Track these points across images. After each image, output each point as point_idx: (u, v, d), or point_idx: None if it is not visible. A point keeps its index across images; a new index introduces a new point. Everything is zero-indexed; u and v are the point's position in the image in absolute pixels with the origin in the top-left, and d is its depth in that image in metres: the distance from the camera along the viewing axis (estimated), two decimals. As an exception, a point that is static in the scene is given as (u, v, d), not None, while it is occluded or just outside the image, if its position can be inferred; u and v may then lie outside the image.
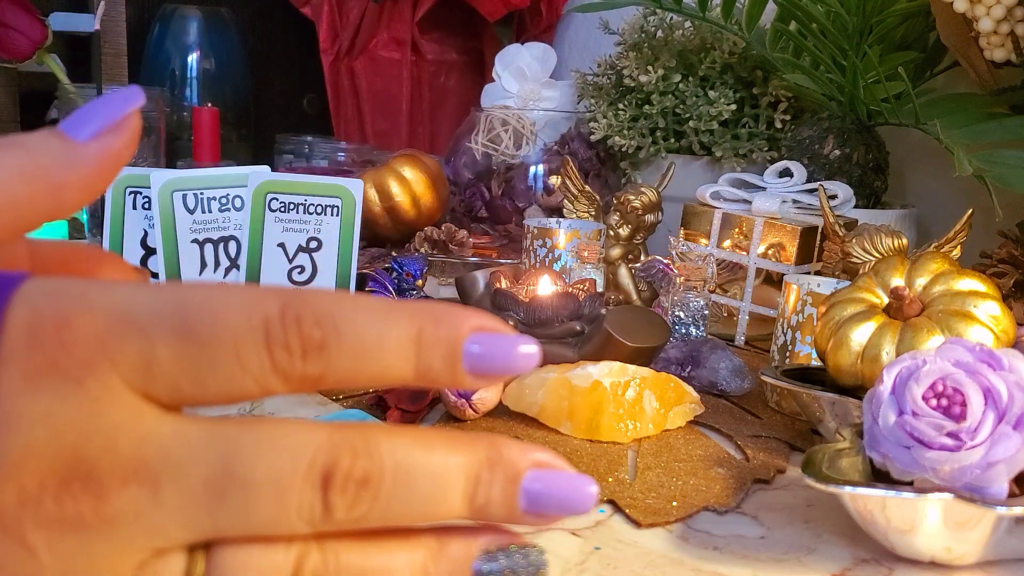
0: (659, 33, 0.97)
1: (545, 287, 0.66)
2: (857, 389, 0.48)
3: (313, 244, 0.66)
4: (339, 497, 0.19)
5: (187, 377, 0.19)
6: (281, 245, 0.65)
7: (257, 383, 0.19)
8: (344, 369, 0.19)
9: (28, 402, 0.18)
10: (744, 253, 0.75)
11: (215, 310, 0.19)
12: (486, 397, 0.52)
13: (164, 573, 0.19)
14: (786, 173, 0.79)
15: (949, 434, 0.36)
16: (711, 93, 0.91)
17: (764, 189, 0.78)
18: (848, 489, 0.37)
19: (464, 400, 0.51)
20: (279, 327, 0.19)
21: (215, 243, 0.65)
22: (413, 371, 0.20)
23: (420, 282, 0.72)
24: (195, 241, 0.64)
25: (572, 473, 0.21)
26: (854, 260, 0.64)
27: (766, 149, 0.92)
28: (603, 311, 0.61)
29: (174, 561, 0.19)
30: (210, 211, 0.65)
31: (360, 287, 0.69)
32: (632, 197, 0.78)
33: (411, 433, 0.20)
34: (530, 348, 0.20)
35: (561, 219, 0.83)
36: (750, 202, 0.76)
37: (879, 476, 0.39)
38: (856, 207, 0.79)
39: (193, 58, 1.26)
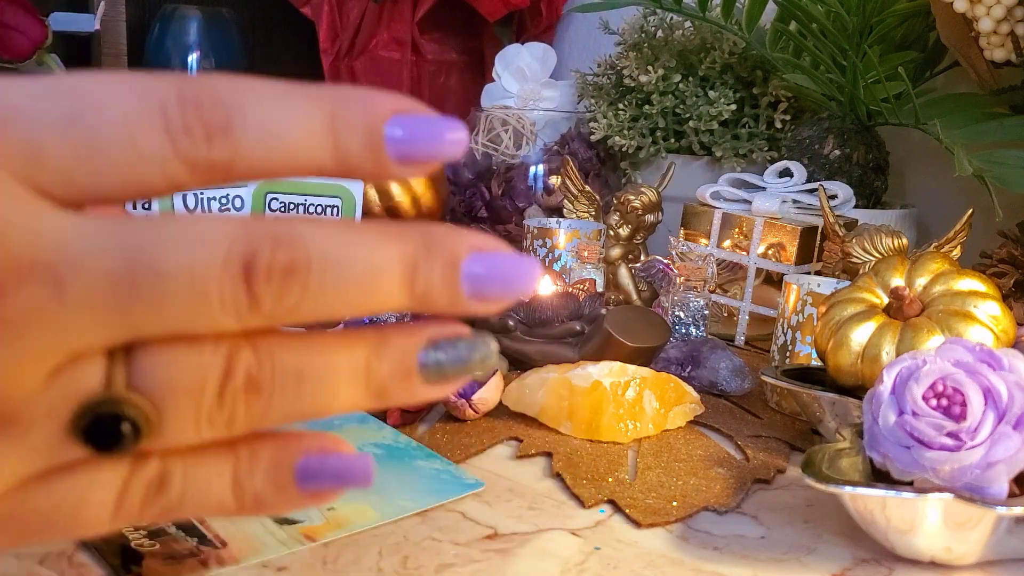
0: (659, 33, 0.97)
1: (545, 287, 0.66)
2: (857, 389, 0.48)
3: (313, 244, 0.65)
4: (264, 287, 0.17)
5: (80, 167, 0.17)
6: (281, 245, 0.65)
7: (160, 172, 0.18)
8: (253, 154, 0.18)
9: None
10: (744, 253, 0.75)
11: (106, 95, 0.17)
12: (486, 397, 0.52)
13: (81, 378, 0.18)
14: (786, 173, 0.79)
15: (949, 434, 0.36)
16: (711, 93, 0.91)
17: (764, 189, 0.78)
18: (848, 489, 0.37)
19: (464, 400, 0.51)
20: (177, 109, 0.17)
21: (215, 243, 0.65)
22: (331, 157, 0.18)
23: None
24: (195, 241, 0.64)
25: (511, 253, 0.20)
26: (854, 260, 0.64)
27: (766, 149, 0.92)
28: (603, 311, 0.61)
29: (91, 365, 0.18)
30: (210, 211, 0.65)
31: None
32: (632, 197, 0.78)
33: (337, 223, 0.19)
34: (458, 133, 0.19)
35: (561, 219, 0.83)
36: (750, 202, 0.76)
37: (879, 476, 0.39)
38: (856, 207, 0.79)
39: (193, 58, 1.26)
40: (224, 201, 0.65)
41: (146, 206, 0.66)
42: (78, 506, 0.19)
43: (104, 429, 0.18)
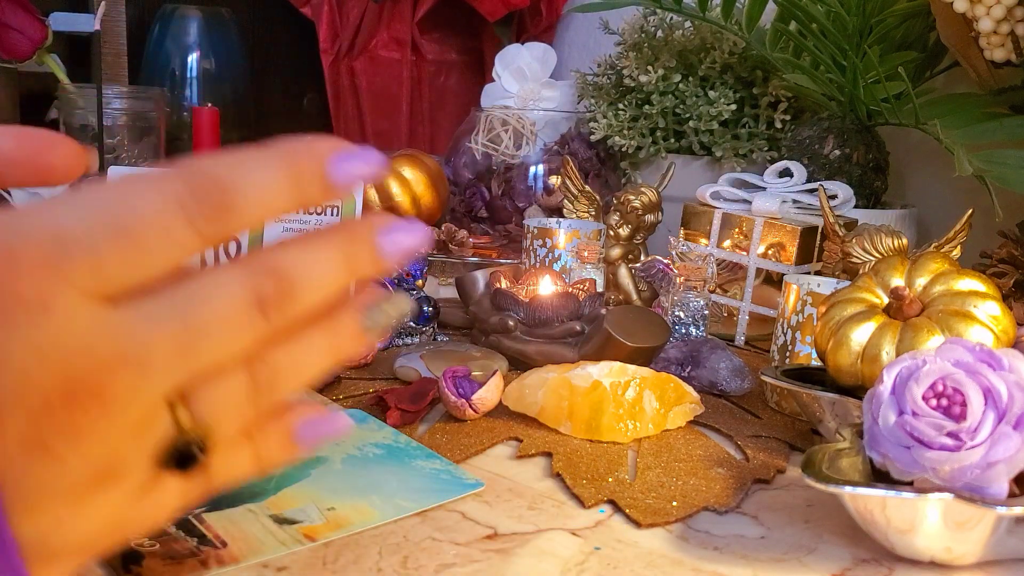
0: (659, 33, 0.97)
1: (545, 287, 0.66)
2: (857, 389, 0.48)
3: (313, 244, 0.65)
4: (274, 310, 0.24)
5: (133, 266, 0.21)
6: (281, 245, 0.65)
7: (187, 249, 0.22)
8: (250, 217, 0.23)
9: (7, 337, 0.20)
10: (744, 253, 0.75)
11: (136, 205, 0.21)
12: (486, 397, 0.52)
13: (158, 428, 0.22)
14: (786, 173, 0.79)
15: (949, 434, 0.36)
16: (711, 93, 0.91)
17: (764, 189, 0.78)
18: (848, 489, 0.37)
19: (464, 400, 0.51)
20: (192, 202, 0.22)
21: (215, 243, 0.65)
22: (297, 200, 0.24)
23: (420, 282, 0.72)
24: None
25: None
26: (854, 260, 0.64)
27: (766, 149, 0.92)
28: (603, 311, 0.61)
29: (163, 415, 0.22)
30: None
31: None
32: (632, 197, 0.78)
33: (295, 243, 0.25)
34: (371, 157, 0.25)
35: (561, 219, 0.83)
36: (750, 202, 0.76)
37: (879, 476, 0.39)
38: (856, 207, 0.79)
39: (193, 58, 1.26)
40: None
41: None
42: (156, 512, 0.24)
43: (185, 458, 0.23)
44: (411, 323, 0.68)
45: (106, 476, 0.22)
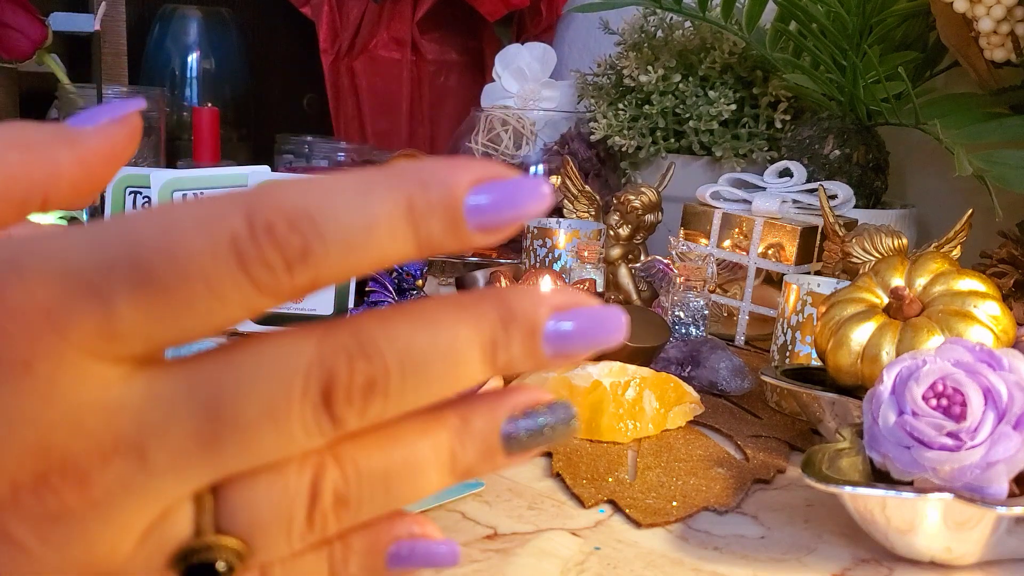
0: (659, 33, 0.97)
1: (545, 287, 0.66)
2: (857, 389, 0.48)
3: (313, 244, 0.65)
4: (346, 409, 0.17)
5: (160, 325, 0.16)
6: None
7: (242, 307, 0.17)
8: (337, 268, 0.17)
9: None
10: (744, 253, 0.75)
11: (172, 242, 0.16)
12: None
13: (172, 529, 0.18)
14: (786, 173, 0.79)
15: (949, 434, 0.36)
16: (711, 93, 0.91)
17: (764, 189, 0.78)
18: (848, 489, 0.37)
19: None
20: (250, 244, 0.16)
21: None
22: (414, 247, 0.17)
23: (420, 282, 0.72)
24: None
25: (593, 307, 0.19)
26: (854, 260, 0.64)
27: (766, 149, 0.92)
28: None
29: (180, 514, 0.18)
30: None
31: (360, 288, 0.69)
32: (632, 197, 0.78)
33: (408, 314, 0.18)
34: (539, 190, 0.18)
35: (561, 219, 0.83)
36: (750, 202, 0.75)
37: (879, 476, 0.39)
38: (856, 207, 0.79)
39: (193, 58, 1.26)
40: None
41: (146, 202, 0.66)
42: None
43: (200, 572, 0.18)
44: None
45: None
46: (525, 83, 1.10)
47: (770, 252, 0.75)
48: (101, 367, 0.17)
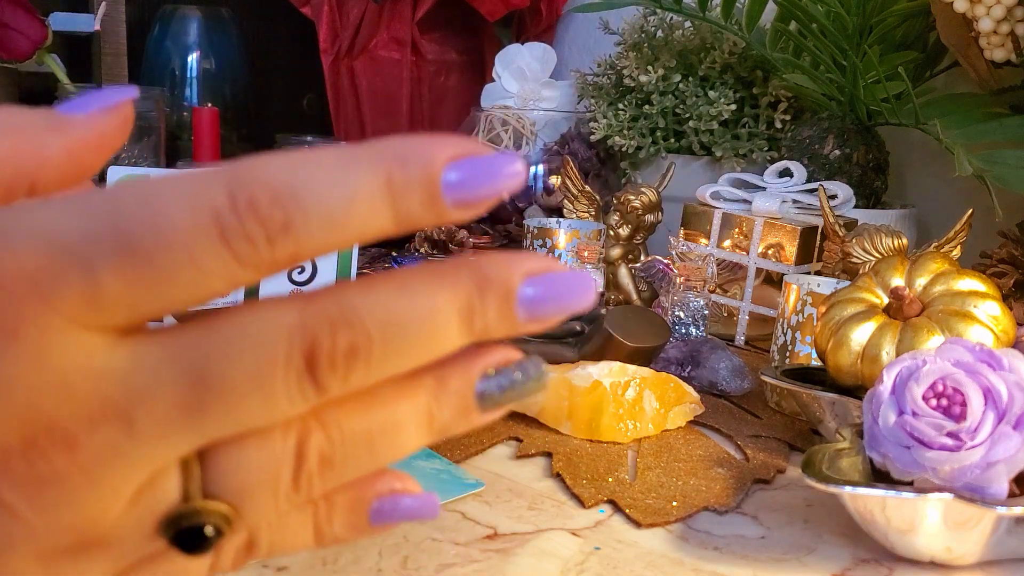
0: (659, 33, 0.97)
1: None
2: (857, 389, 0.48)
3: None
4: (329, 376, 0.18)
5: (143, 296, 0.17)
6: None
7: (224, 280, 0.17)
8: (317, 241, 0.17)
9: None
10: (744, 253, 0.75)
11: (155, 214, 0.17)
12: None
13: (160, 493, 0.18)
14: (786, 173, 0.79)
15: (949, 434, 0.36)
16: (711, 93, 0.91)
17: (764, 189, 0.78)
18: (848, 489, 0.37)
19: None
20: (232, 215, 0.17)
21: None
22: (393, 221, 0.18)
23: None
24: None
25: (565, 272, 0.20)
26: (854, 260, 0.64)
27: (766, 149, 0.92)
28: (603, 311, 0.61)
29: (168, 479, 0.18)
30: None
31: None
32: (632, 197, 0.78)
33: (387, 282, 0.19)
34: (513, 167, 0.18)
35: (561, 219, 0.83)
36: (750, 202, 0.75)
37: (879, 476, 0.39)
38: (856, 207, 0.79)
39: (193, 58, 1.26)
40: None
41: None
42: None
43: (189, 536, 0.19)
44: None
45: (88, 544, 0.18)
46: (525, 83, 1.10)
47: (770, 252, 0.75)
48: (87, 335, 0.17)
